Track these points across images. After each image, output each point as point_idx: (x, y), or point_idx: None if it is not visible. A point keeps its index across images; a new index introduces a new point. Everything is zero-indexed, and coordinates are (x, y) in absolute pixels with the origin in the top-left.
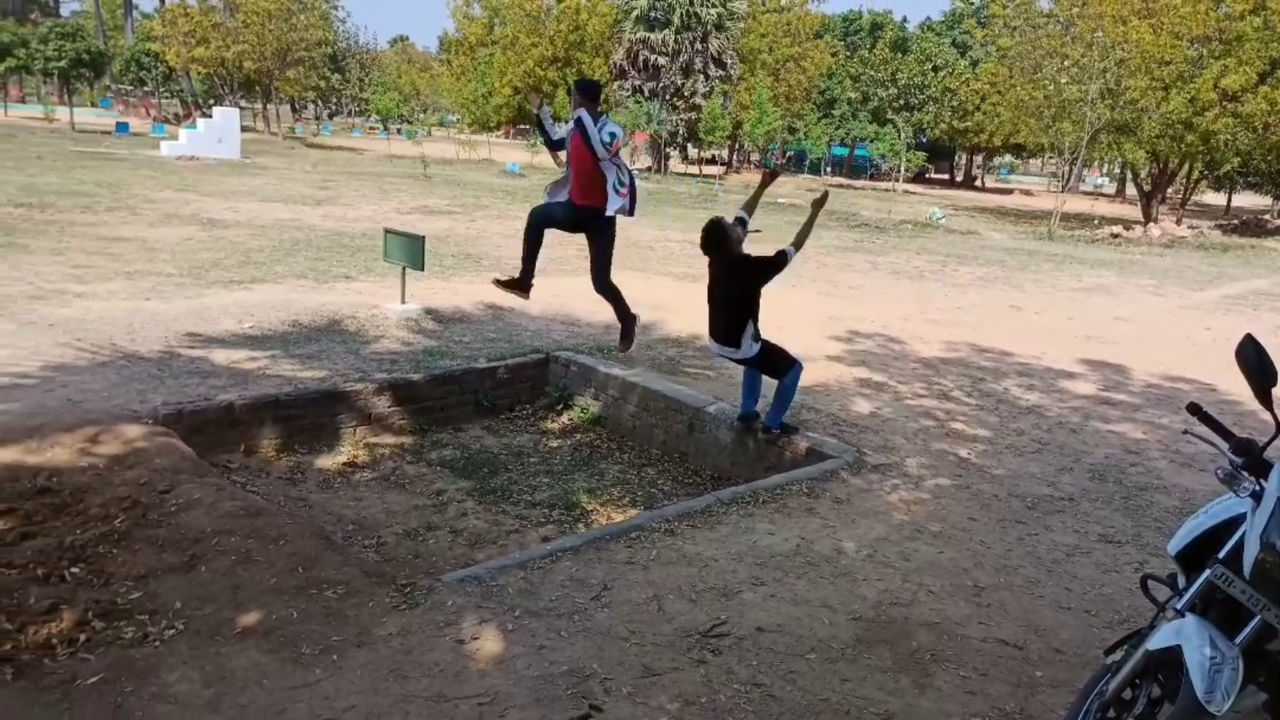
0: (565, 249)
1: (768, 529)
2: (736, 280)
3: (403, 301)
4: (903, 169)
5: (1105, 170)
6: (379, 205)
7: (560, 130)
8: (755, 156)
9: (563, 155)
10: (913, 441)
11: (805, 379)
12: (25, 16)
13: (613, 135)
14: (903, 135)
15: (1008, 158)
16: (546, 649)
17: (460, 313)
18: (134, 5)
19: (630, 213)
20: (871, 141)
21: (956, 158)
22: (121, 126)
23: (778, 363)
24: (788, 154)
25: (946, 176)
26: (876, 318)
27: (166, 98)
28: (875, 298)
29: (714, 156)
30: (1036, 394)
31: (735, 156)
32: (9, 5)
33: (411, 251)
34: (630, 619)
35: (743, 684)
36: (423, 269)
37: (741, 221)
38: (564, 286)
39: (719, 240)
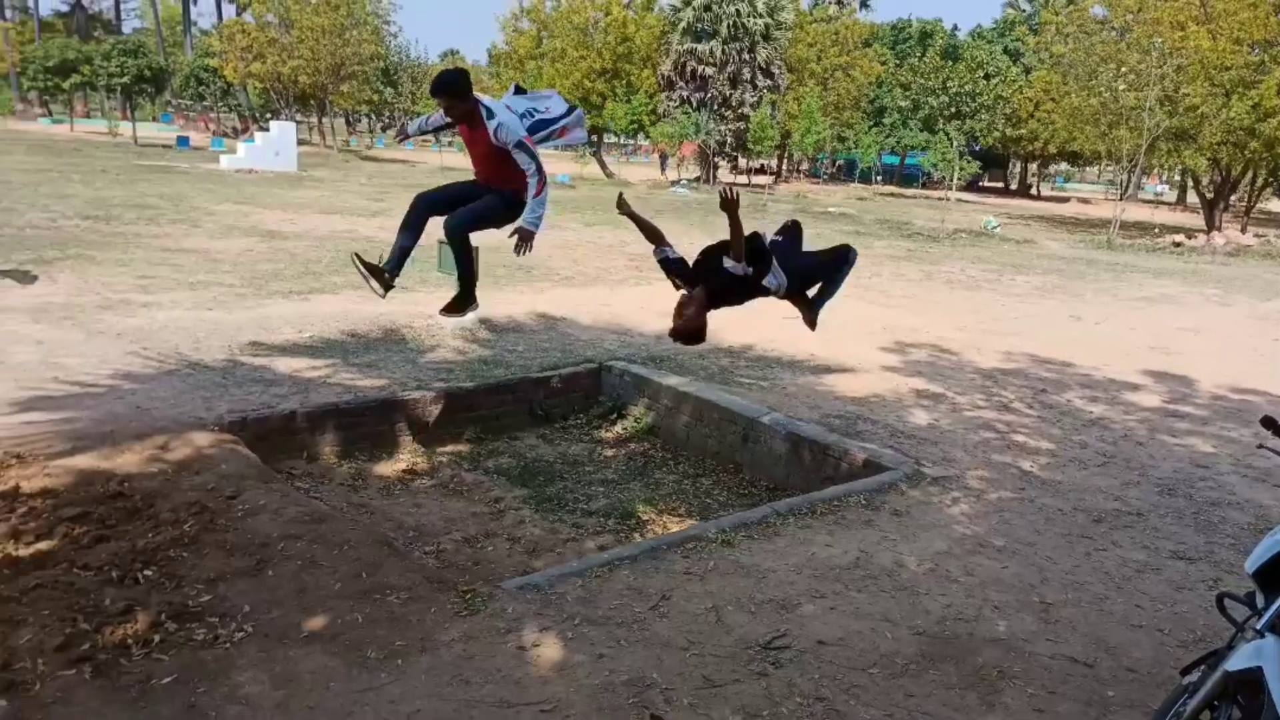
0: (612, 259)
1: (826, 541)
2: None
3: None
4: (955, 177)
5: (1165, 178)
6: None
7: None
8: (804, 165)
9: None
10: (973, 454)
11: (859, 390)
12: (90, 34)
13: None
14: (955, 143)
15: (1063, 166)
16: (606, 657)
17: (513, 322)
18: (193, 22)
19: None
20: (923, 150)
21: (1010, 166)
22: (182, 140)
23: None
24: (837, 162)
25: (1000, 185)
26: (932, 328)
27: (225, 112)
28: (930, 308)
29: (763, 166)
30: (1100, 406)
31: (784, 166)
32: (74, 24)
33: None
34: (689, 629)
35: (805, 697)
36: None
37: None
38: (615, 296)
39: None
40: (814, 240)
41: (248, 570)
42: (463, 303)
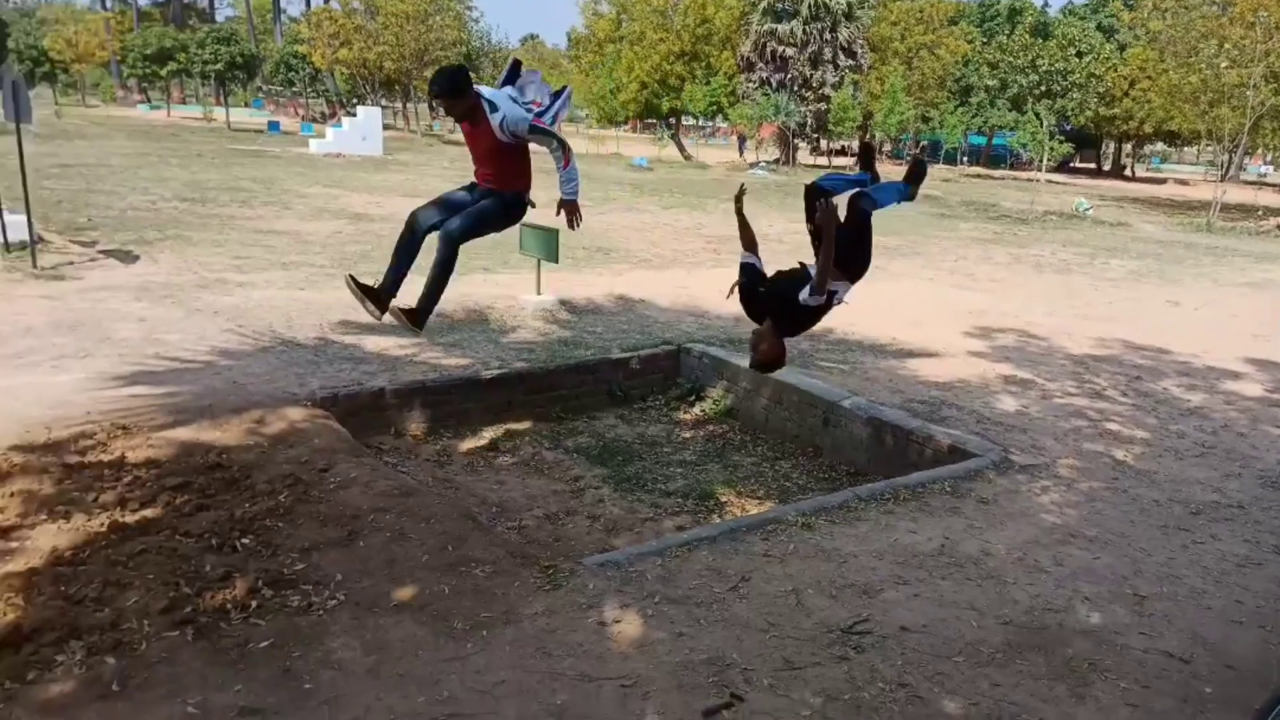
0: (689, 241)
1: (909, 528)
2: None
3: (538, 293)
4: (1045, 158)
5: (1270, 158)
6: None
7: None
8: (886, 147)
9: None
10: (1063, 442)
11: (943, 375)
12: (185, 23)
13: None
14: (1045, 123)
15: (1160, 146)
16: (686, 636)
17: (592, 304)
18: (282, 10)
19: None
20: (1011, 130)
21: (1103, 146)
22: (273, 125)
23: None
24: (920, 143)
25: (1093, 166)
26: (1020, 312)
27: (313, 97)
28: (1018, 291)
29: (843, 147)
30: (1199, 394)
31: None
32: (171, 13)
33: (546, 244)
34: (769, 611)
35: (888, 683)
36: (557, 261)
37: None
38: (693, 278)
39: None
40: (897, 224)
41: (339, 541)
42: (421, 317)
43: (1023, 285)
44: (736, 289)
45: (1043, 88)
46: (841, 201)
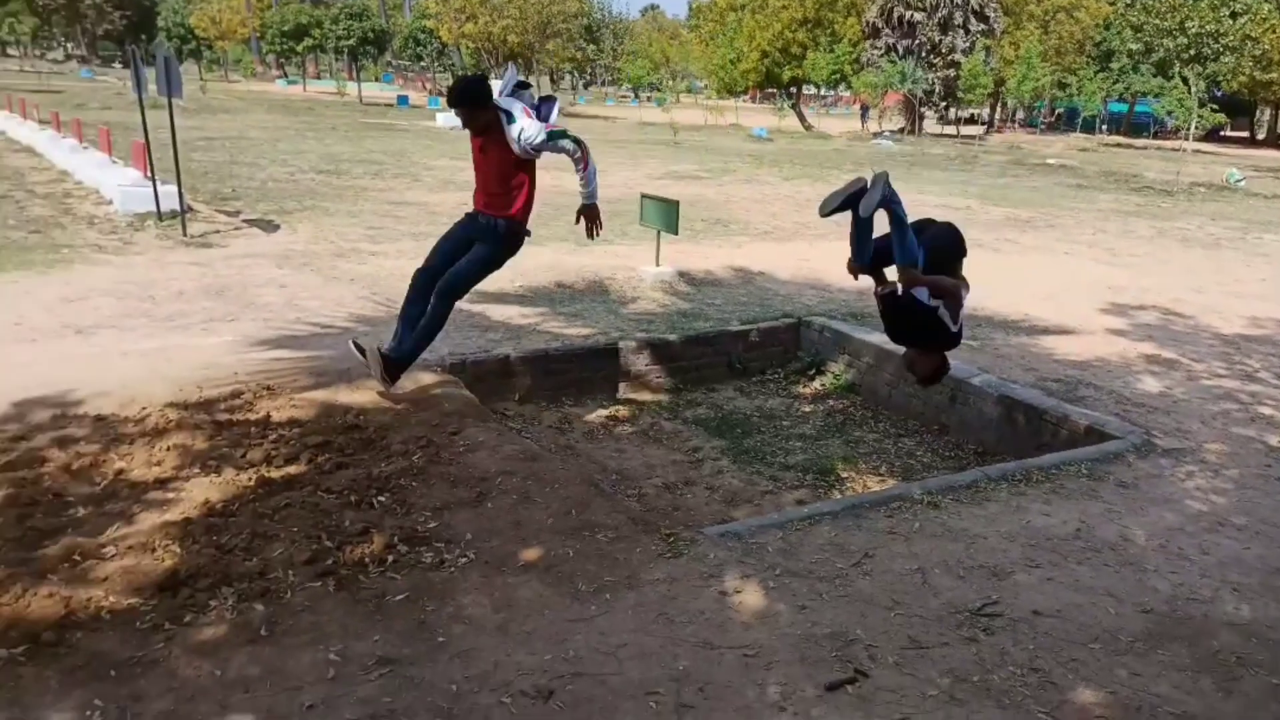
0: (810, 213)
1: (1042, 510)
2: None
3: (657, 264)
4: (1193, 126)
5: None
6: (631, 171)
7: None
8: (1019, 115)
9: None
10: (1211, 425)
11: (1080, 353)
12: (320, 0)
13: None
14: (1194, 89)
15: None
16: (808, 609)
17: (711, 276)
18: None
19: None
20: (1155, 96)
21: (1258, 114)
22: (402, 99)
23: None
24: (1056, 111)
25: (1246, 134)
26: (1164, 289)
27: (440, 72)
28: (1162, 267)
29: (973, 116)
30: None
31: (997, 115)
32: None
33: (666, 216)
34: (894, 589)
35: (1019, 667)
36: (676, 233)
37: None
38: (814, 251)
39: None
40: (1030, 196)
41: (469, 501)
42: (398, 369)
43: (1167, 260)
44: (878, 302)
45: (1191, 51)
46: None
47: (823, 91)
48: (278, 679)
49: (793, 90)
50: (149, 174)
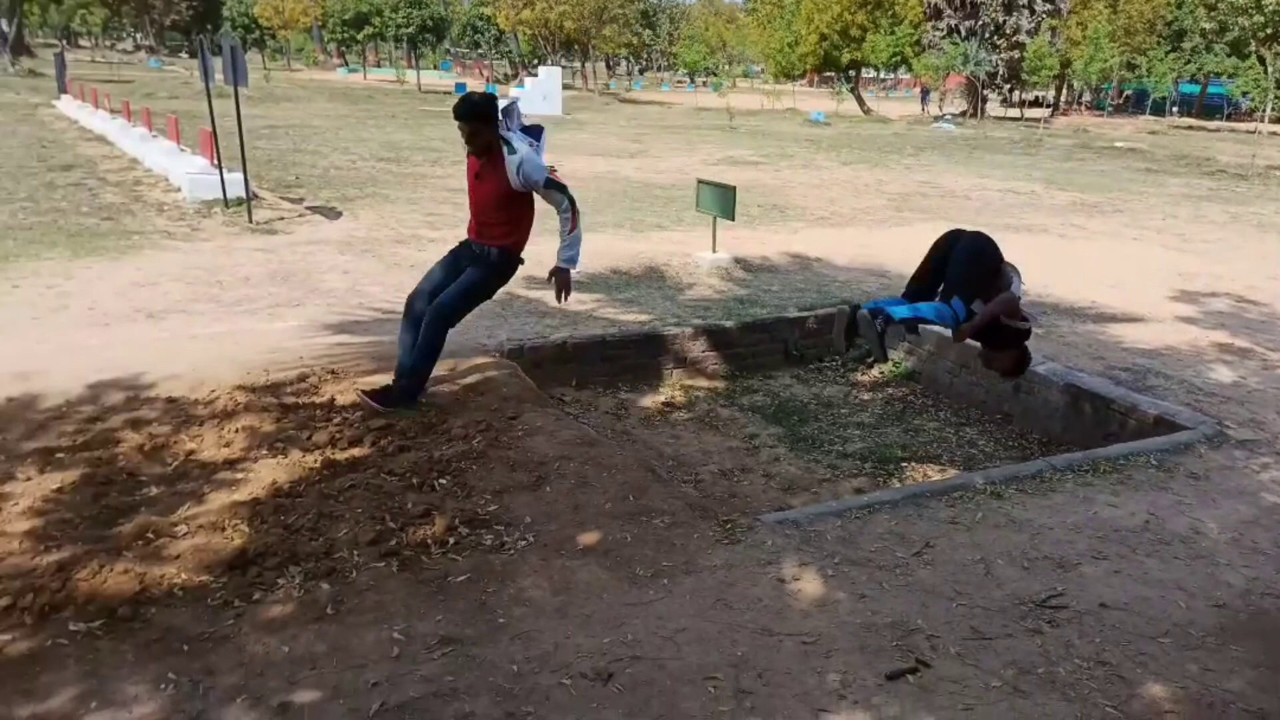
0: (869, 198)
1: (1109, 501)
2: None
3: (713, 250)
4: (1269, 108)
5: None
6: (687, 157)
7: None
8: (1085, 97)
9: None
10: None
11: (1149, 341)
12: None
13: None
14: (1270, 69)
15: None
16: (868, 598)
17: (768, 262)
18: None
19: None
20: (1230, 77)
21: None
22: (459, 87)
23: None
24: (1124, 93)
25: None
26: (1237, 276)
27: (496, 59)
28: (1235, 253)
29: (1037, 98)
30: None
31: (1063, 97)
32: None
33: (723, 202)
34: (956, 579)
35: (1085, 659)
36: (733, 219)
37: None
38: (873, 237)
39: None
40: (1097, 180)
41: (528, 485)
42: (397, 397)
43: (1240, 246)
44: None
45: (1269, 30)
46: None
47: (882, 75)
48: (343, 656)
49: (851, 74)
50: (216, 162)
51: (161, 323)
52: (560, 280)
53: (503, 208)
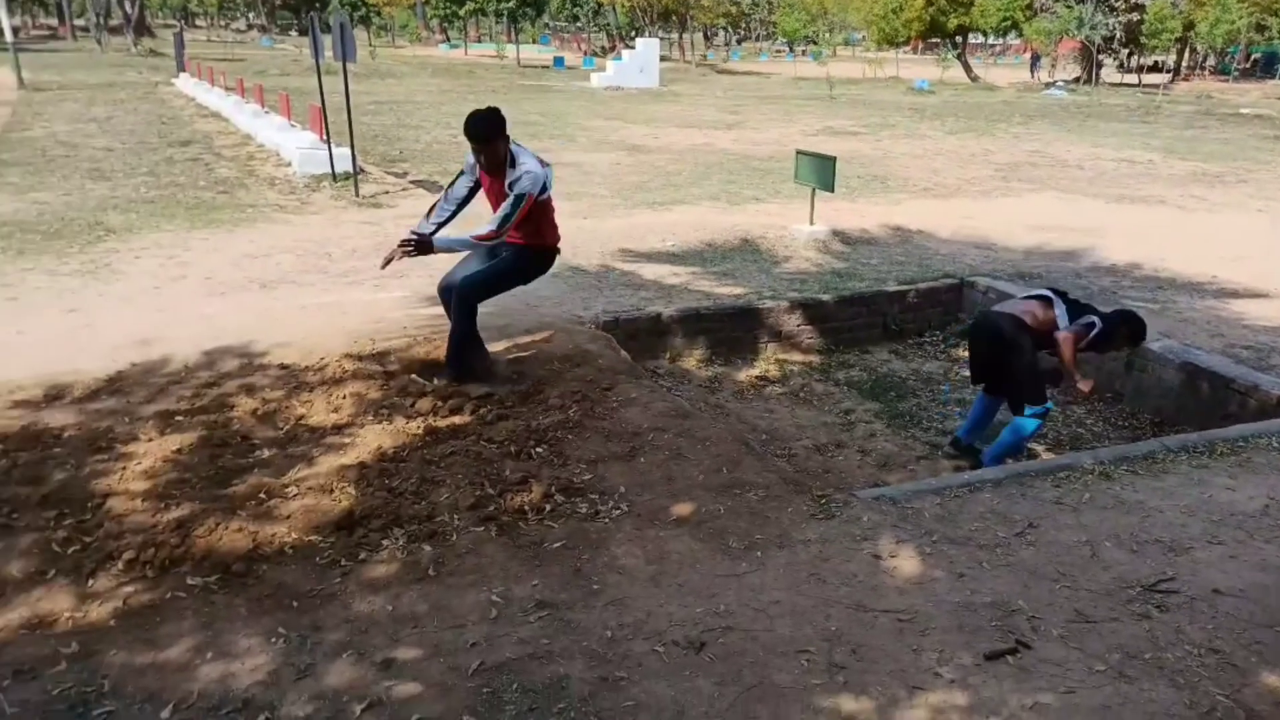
0: (975, 168)
1: (1227, 484)
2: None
3: (811, 223)
4: None
5: None
6: (785, 128)
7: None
8: (1209, 61)
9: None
10: None
11: (1274, 318)
12: None
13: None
14: None
15: None
16: (967, 577)
17: (867, 234)
18: None
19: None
20: None
21: None
22: (558, 61)
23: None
24: (1252, 57)
25: None
26: None
27: (595, 32)
28: None
29: (1156, 63)
30: None
31: (1184, 62)
32: None
33: (822, 173)
34: (1060, 561)
35: (1195, 646)
36: (832, 190)
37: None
38: (978, 208)
39: None
40: (1220, 149)
41: (622, 455)
42: (451, 369)
43: None
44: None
45: None
46: None
47: (990, 40)
48: (444, 616)
49: (958, 39)
50: (324, 137)
51: (273, 292)
52: (420, 243)
53: (524, 218)
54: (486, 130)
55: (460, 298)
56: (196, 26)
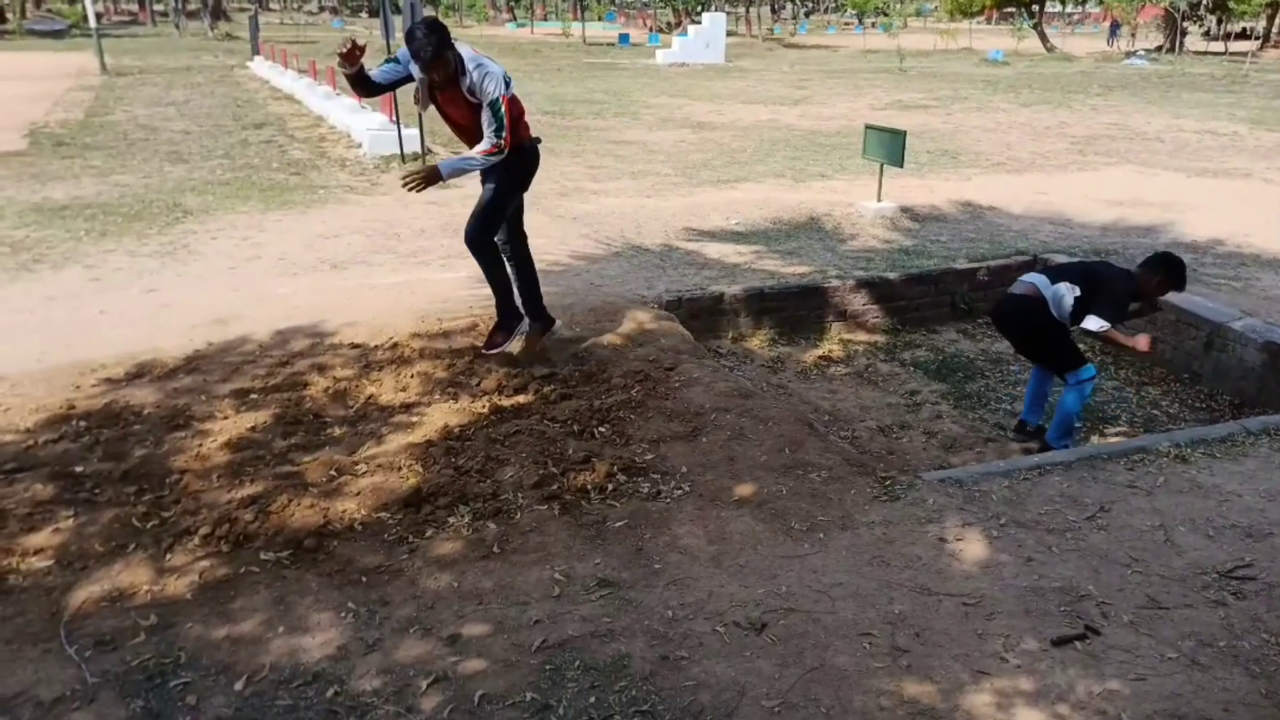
0: (1050, 142)
1: None
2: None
3: (878, 199)
4: None
5: None
6: (853, 103)
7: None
8: None
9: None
10: None
11: None
12: None
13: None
14: None
15: None
16: (1035, 561)
17: (937, 211)
18: None
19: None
20: None
21: None
22: (623, 38)
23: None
24: None
25: None
26: None
27: (660, 7)
28: None
29: (1245, 30)
30: None
31: (1274, 28)
32: None
33: (891, 147)
34: (1131, 545)
35: (1273, 634)
36: (901, 165)
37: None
38: (1052, 183)
39: None
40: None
41: (684, 435)
42: (507, 326)
43: None
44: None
45: None
46: None
47: (1068, 9)
48: (508, 593)
49: (1034, 8)
50: (394, 119)
51: (344, 273)
52: (427, 174)
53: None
54: (437, 45)
55: (472, 246)
56: (270, 10)
